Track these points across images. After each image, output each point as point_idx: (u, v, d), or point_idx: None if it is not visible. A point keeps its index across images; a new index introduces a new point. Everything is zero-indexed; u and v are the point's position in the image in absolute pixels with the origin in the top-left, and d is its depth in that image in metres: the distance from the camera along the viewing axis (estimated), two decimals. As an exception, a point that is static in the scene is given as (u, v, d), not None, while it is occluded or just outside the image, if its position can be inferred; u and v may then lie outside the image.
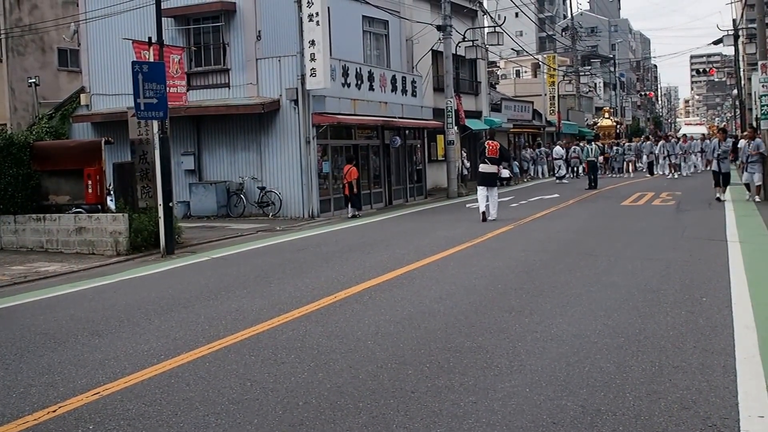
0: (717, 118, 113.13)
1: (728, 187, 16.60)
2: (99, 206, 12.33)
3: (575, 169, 30.78)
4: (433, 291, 7.34)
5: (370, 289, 7.59)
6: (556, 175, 29.65)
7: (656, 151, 29.27)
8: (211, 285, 8.40)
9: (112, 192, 13.71)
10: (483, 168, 14.31)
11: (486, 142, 14.82)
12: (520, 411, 3.95)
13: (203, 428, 3.90)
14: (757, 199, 15.36)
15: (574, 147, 31.21)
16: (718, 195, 16.10)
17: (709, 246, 9.76)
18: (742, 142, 17.12)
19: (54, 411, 4.25)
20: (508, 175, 20.21)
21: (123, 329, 6.29)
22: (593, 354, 4.95)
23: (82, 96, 19.84)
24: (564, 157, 30.23)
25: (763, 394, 4.09)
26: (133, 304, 7.49)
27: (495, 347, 5.21)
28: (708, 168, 18.93)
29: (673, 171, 27.91)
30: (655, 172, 29.16)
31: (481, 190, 14.10)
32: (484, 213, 13.81)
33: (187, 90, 14.37)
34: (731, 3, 39.38)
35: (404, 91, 21.49)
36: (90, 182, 12.10)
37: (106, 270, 10.28)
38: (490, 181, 14.07)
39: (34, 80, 23.17)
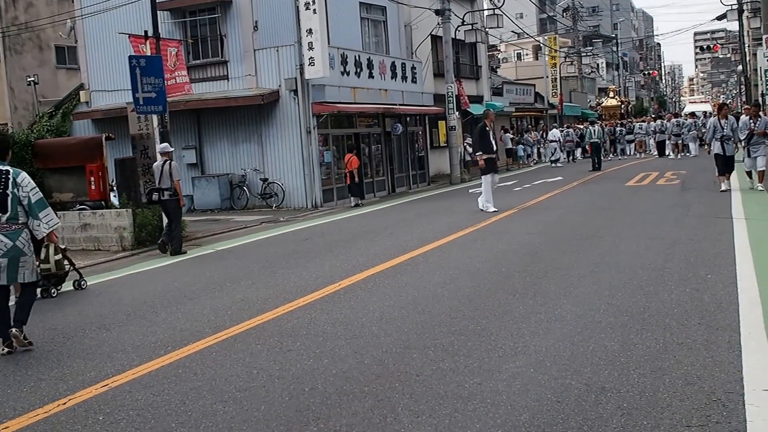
0: (722, 96, 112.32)
1: (733, 172, 14.23)
2: (102, 202, 12.37)
3: (571, 153, 30.48)
4: (437, 276, 7.36)
5: (374, 276, 7.61)
6: (551, 158, 29.43)
7: (667, 131, 28.63)
8: (216, 277, 8.44)
9: (114, 188, 13.75)
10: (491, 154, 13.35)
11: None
12: (525, 391, 3.97)
13: (211, 416, 3.94)
14: (760, 187, 13.40)
15: (567, 130, 30.90)
16: (723, 186, 13.51)
17: (714, 224, 9.74)
18: (743, 119, 15.40)
19: (64, 403, 4.30)
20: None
21: (130, 322, 6.34)
22: (597, 333, 4.96)
23: (82, 93, 19.85)
24: (560, 140, 29.92)
25: (767, 368, 4.10)
26: (139, 297, 7.53)
27: (499, 329, 5.22)
28: (708, 150, 15.13)
29: (677, 151, 27.67)
30: (668, 153, 28.56)
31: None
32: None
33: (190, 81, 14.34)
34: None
35: (404, 78, 21.42)
36: (93, 179, 12.13)
37: (112, 265, 10.33)
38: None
39: (33, 79, 23.18)
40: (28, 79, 23.33)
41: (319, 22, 16.42)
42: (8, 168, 5.62)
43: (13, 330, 5.56)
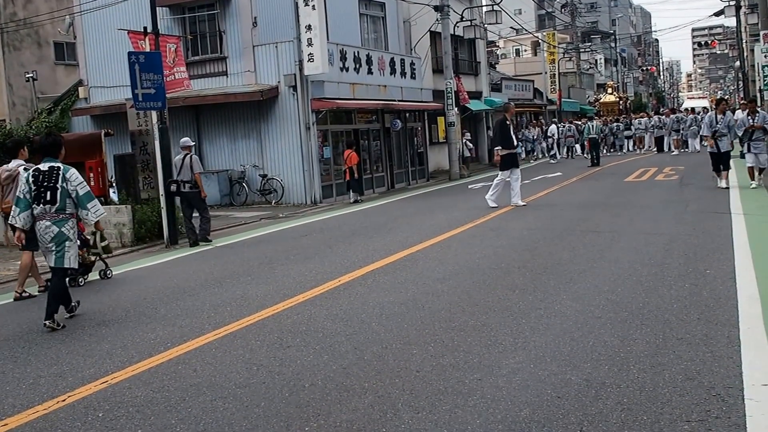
0: (720, 91, 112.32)
1: (730, 169, 13.83)
2: (102, 199, 12.33)
3: (570, 148, 30.46)
4: (436, 272, 7.36)
5: (374, 271, 7.61)
6: (549, 154, 29.49)
7: (666, 126, 28.60)
8: (216, 273, 8.44)
9: (114, 184, 13.73)
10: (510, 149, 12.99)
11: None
12: (525, 386, 3.97)
13: (211, 412, 3.93)
14: (761, 183, 13.01)
15: (568, 126, 30.91)
16: (720, 183, 13.30)
17: (712, 219, 9.74)
18: (739, 114, 13.96)
19: (63, 400, 4.29)
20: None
21: (129, 319, 6.33)
22: (597, 329, 4.96)
23: (81, 89, 19.82)
24: (554, 135, 29.87)
25: (766, 363, 4.11)
26: (138, 294, 7.52)
27: (499, 325, 5.22)
28: (705, 145, 14.23)
29: (676, 146, 27.65)
30: (666, 149, 28.56)
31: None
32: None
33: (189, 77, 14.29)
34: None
35: (403, 74, 21.39)
36: (92, 175, 12.10)
37: (111, 262, 10.26)
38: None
39: (31, 75, 23.11)
40: (27, 75, 23.24)
41: (318, 18, 16.39)
42: (59, 164, 6.29)
43: (47, 323, 6.12)
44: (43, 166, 6.29)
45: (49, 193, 6.15)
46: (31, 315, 6.94)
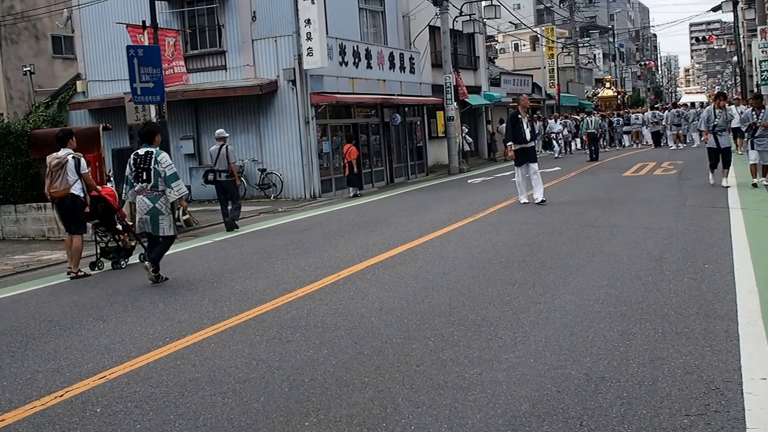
0: (718, 86, 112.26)
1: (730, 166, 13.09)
2: (100, 193, 12.30)
3: (568, 143, 30.39)
4: (436, 266, 7.35)
5: (374, 266, 7.60)
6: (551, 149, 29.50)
7: (664, 121, 28.62)
8: (215, 267, 8.43)
9: (112, 178, 13.69)
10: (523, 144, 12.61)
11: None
12: (525, 381, 3.97)
13: (210, 407, 3.93)
14: (765, 182, 12.40)
15: (565, 121, 30.85)
16: (713, 181, 12.95)
17: (711, 213, 9.74)
18: (742, 109, 14.37)
19: (61, 395, 4.28)
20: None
21: (127, 314, 6.32)
22: (597, 323, 4.96)
23: (78, 83, 19.75)
24: (558, 131, 29.87)
25: (765, 356, 4.11)
26: (137, 288, 7.50)
27: (499, 319, 5.22)
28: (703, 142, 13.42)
29: (675, 141, 27.64)
30: (663, 143, 28.62)
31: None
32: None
33: (187, 71, 14.24)
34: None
35: (402, 68, 21.34)
36: (89, 169, 12.04)
37: (110, 256, 10.28)
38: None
39: (29, 68, 23.01)
40: (24, 69, 23.14)
41: (318, 12, 16.33)
42: (153, 149, 7.54)
43: (146, 263, 7.52)
44: (141, 151, 7.57)
45: (145, 173, 7.46)
46: (29, 310, 6.93)
